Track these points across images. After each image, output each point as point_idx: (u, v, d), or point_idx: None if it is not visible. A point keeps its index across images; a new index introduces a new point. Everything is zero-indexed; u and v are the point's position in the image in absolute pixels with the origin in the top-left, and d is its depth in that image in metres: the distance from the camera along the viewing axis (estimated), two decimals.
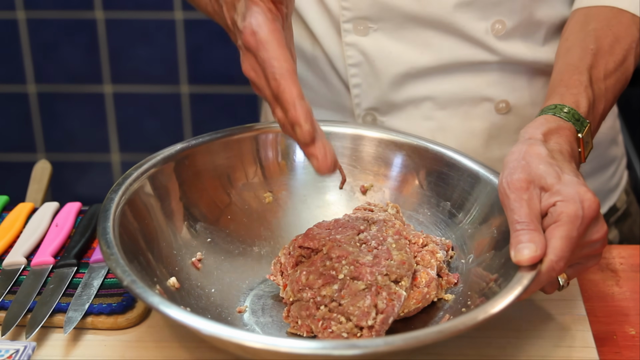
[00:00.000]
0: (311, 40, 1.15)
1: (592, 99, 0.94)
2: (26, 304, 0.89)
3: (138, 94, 2.34)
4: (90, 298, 0.90)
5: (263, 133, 0.99)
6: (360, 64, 1.11)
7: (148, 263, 0.86)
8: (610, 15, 1.00)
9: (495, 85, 1.10)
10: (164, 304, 0.75)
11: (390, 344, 0.72)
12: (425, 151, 0.97)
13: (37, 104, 2.36)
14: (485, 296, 0.83)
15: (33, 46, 2.30)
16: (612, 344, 0.88)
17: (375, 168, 0.99)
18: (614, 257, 1.01)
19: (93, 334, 0.88)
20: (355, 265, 0.83)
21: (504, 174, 0.84)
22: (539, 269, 0.79)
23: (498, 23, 1.07)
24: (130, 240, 0.85)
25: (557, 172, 0.83)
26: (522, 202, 0.81)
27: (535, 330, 0.88)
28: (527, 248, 0.79)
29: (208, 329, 0.73)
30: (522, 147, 0.86)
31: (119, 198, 0.86)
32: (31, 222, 1.03)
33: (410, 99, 1.11)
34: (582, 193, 0.81)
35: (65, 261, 0.96)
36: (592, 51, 0.97)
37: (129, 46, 2.29)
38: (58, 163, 2.32)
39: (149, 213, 0.90)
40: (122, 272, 0.77)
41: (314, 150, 0.80)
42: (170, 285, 0.86)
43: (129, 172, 0.90)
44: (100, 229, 0.82)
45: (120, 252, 0.80)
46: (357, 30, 1.09)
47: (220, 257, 0.93)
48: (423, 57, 1.08)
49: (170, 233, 0.91)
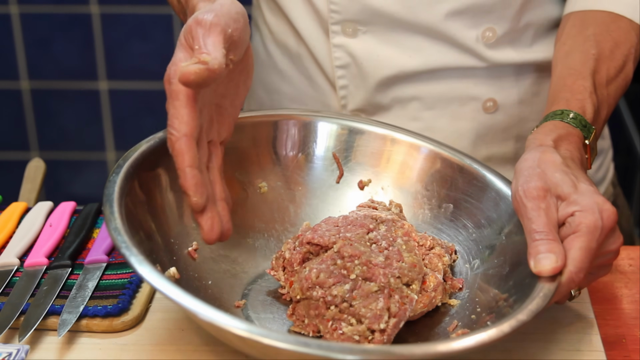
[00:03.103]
0: (296, 37, 1.15)
1: (597, 104, 0.95)
2: (19, 305, 0.89)
3: (134, 91, 2.34)
4: (85, 300, 0.90)
5: (263, 122, 0.99)
6: (347, 65, 1.11)
7: (153, 251, 0.85)
8: (608, 20, 1.01)
9: (482, 84, 1.11)
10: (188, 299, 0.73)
11: (426, 351, 0.73)
12: (429, 151, 0.97)
13: (30, 101, 2.36)
14: (495, 313, 0.83)
15: (26, 41, 2.30)
16: (621, 348, 0.88)
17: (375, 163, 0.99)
18: (623, 258, 1.01)
19: (88, 337, 0.88)
20: (368, 265, 0.83)
21: (519, 182, 0.84)
22: (559, 281, 0.80)
23: (488, 31, 1.08)
24: (135, 224, 0.84)
25: (572, 181, 0.84)
26: (539, 211, 0.82)
27: (542, 333, 0.88)
28: (548, 259, 0.79)
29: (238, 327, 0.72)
30: (535, 154, 0.86)
31: (121, 180, 0.84)
32: (24, 222, 1.03)
33: (397, 100, 1.12)
34: (600, 203, 0.82)
35: (59, 262, 0.96)
36: (594, 56, 0.98)
37: (125, 42, 2.29)
38: (52, 161, 2.32)
39: (151, 196, 0.88)
40: (137, 262, 0.76)
41: (201, 221, 0.82)
42: (170, 275, 0.85)
43: (127, 154, 0.87)
44: (107, 212, 0.80)
45: (130, 238, 0.78)
46: (345, 32, 1.10)
47: (214, 247, 0.92)
48: (412, 61, 1.09)
49: (171, 219, 0.90)
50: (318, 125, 1.00)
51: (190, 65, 0.78)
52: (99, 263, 0.96)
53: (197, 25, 0.81)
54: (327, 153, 1.00)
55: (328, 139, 1.00)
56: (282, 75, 1.18)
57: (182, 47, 0.82)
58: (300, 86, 1.17)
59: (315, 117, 1.00)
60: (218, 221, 0.82)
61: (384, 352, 0.73)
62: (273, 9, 1.17)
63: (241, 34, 0.84)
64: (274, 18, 1.17)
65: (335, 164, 0.99)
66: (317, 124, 1.00)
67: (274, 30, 1.18)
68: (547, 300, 0.78)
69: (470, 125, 1.13)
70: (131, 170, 0.86)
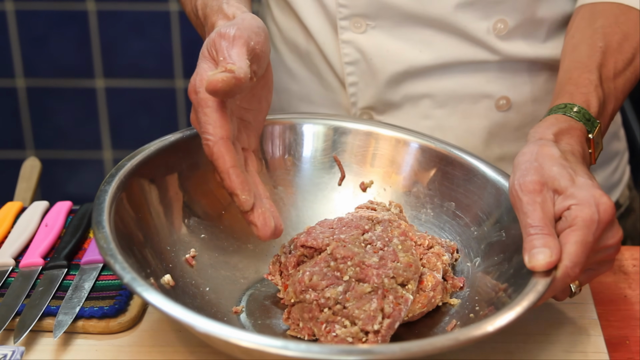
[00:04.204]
0: (305, 35, 1.15)
1: (603, 98, 0.94)
2: (14, 306, 0.89)
3: (131, 89, 2.34)
4: (81, 301, 0.90)
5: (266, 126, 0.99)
6: (357, 61, 1.11)
7: (144, 258, 0.85)
8: (617, 12, 1.00)
9: (495, 82, 1.10)
10: (168, 304, 0.74)
11: (406, 350, 0.72)
12: (429, 149, 0.97)
13: (26, 99, 2.36)
14: (494, 305, 0.83)
15: (22, 39, 2.30)
16: (624, 349, 0.88)
17: (377, 165, 0.99)
18: (626, 259, 1.01)
19: (84, 339, 0.88)
20: (361, 266, 0.83)
21: (516, 176, 0.84)
22: (554, 275, 0.79)
23: (500, 22, 1.07)
24: (127, 233, 0.84)
25: (570, 175, 0.83)
26: (535, 206, 0.81)
27: (544, 335, 0.88)
28: (542, 253, 0.79)
29: (219, 332, 0.72)
30: (534, 148, 0.86)
31: (114, 189, 0.85)
32: (20, 222, 1.03)
33: (408, 97, 1.11)
34: (597, 196, 0.82)
35: (55, 262, 0.96)
36: (601, 49, 0.97)
37: (122, 39, 2.29)
38: (48, 160, 2.32)
39: (146, 204, 0.89)
40: (122, 269, 0.76)
41: (253, 218, 0.84)
42: (165, 282, 0.85)
43: (121, 163, 0.89)
44: (95, 222, 0.81)
45: (118, 247, 0.79)
46: (354, 27, 1.09)
47: (214, 254, 0.92)
48: (422, 56, 1.09)
49: (167, 227, 0.91)
50: (318, 128, 1.00)
51: (217, 74, 0.81)
52: (95, 263, 0.96)
53: (220, 38, 0.84)
54: (327, 156, 1.00)
55: (326, 141, 1.00)
56: (291, 74, 1.18)
57: (206, 59, 0.85)
58: (309, 85, 1.17)
59: (314, 119, 1.00)
60: (269, 216, 0.85)
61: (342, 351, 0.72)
62: (282, 6, 1.17)
63: (263, 47, 0.87)
64: (283, 16, 1.17)
65: (336, 166, 0.99)
66: (317, 127, 1.00)
67: (283, 29, 1.18)
68: (538, 297, 0.77)
69: (482, 124, 1.12)
70: (124, 180, 0.87)
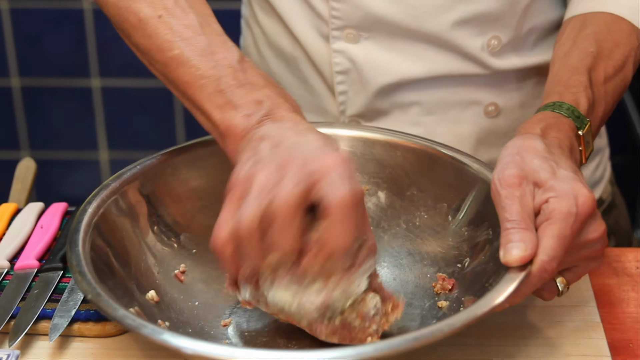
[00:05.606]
0: (291, 39, 1.14)
1: (592, 99, 0.94)
2: (9, 310, 0.89)
3: (128, 89, 2.34)
4: (77, 304, 0.90)
5: None
6: (348, 71, 1.11)
7: (122, 281, 0.86)
8: (609, 20, 1.01)
9: (484, 90, 1.11)
10: (139, 325, 0.75)
11: (380, 350, 0.72)
12: (419, 150, 0.97)
13: (20, 98, 2.36)
14: (478, 294, 0.83)
15: (17, 37, 2.30)
16: (628, 353, 0.88)
17: (369, 170, 0.99)
18: (630, 260, 1.01)
19: (80, 342, 0.88)
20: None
21: (497, 170, 0.84)
22: (529, 270, 0.79)
23: (494, 39, 1.08)
24: (103, 259, 0.86)
25: (552, 167, 0.83)
26: (513, 199, 0.81)
27: (546, 337, 0.88)
28: (517, 248, 0.78)
29: (188, 346, 0.74)
30: (518, 141, 0.86)
31: (90, 217, 0.87)
32: (14, 224, 1.03)
33: (397, 105, 1.12)
34: (576, 189, 0.81)
35: (51, 265, 0.96)
36: (592, 54, 0.97)
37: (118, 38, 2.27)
38: (43, 161, 2.31)
39: (122, 230, 0.90)
40: (95, 296, 0.78)
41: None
42: (149, 298, 0.87)
43: (97, 190, 0.90)
44: (70, 251, 0.83)
45: (92, 273, 0.80)
46: (347, 38, 1.09)
47: (206, 268, 0.93)
48: (414, 68, 1.09)
49: (148, 247, 0.91)
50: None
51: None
52: None
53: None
54: None
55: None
56: (276, 79, 1.17)
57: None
58: (294, 90, 1.16)
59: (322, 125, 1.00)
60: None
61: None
62: (266, 10, 1.15)
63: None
64: (267, 18, 1.16)
65: None
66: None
67: (267, 31, 1.16)
68: (510, 293, 0.77)
69: (471, 130, 1.13)
70: (105, 199, 0.88)
